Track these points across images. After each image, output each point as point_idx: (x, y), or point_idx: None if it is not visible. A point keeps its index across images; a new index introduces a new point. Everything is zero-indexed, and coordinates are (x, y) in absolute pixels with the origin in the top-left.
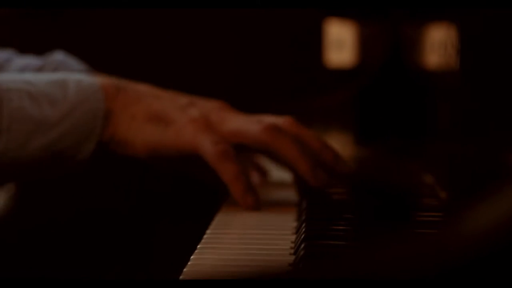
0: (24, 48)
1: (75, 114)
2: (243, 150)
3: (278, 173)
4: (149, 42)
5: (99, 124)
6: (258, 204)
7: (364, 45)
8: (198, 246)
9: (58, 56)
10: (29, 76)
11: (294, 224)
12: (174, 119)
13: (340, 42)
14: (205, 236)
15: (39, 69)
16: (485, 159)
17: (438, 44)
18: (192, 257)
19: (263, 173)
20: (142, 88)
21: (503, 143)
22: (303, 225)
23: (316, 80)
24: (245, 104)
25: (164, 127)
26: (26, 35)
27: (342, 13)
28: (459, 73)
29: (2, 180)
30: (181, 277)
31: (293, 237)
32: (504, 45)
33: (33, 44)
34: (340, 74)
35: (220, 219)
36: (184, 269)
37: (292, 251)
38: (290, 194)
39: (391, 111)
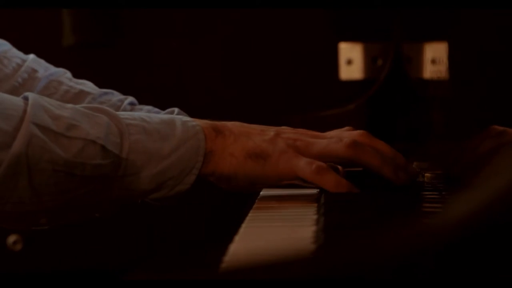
0: (83, 76)
1: (181, 150)
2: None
3: None
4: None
5: (200, 160)
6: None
7: (371, 61)
8: (235, 239)
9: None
10: (143, 114)
11: (315, 217)
12: (269, 153)
13: (351, 59)
14: (240, 230)
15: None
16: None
17: (433, 59)
18: (230, 248)
19: None
20: (234, 128)
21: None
22: (322, 217)
23: (330, 92)
24: (265, 116)
25: (263, 162)
26: (87, 64)
27: (353, 35)
28: (451, 83)
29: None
30: (222, 265)
31: (314, 228)
32: (490, 60)
33: (94, 72)
34: (351, 87)
35: (252, 215)
36: (225, 258)
37: (313, 240)
38: (310, 191)
39: (395, 117)
